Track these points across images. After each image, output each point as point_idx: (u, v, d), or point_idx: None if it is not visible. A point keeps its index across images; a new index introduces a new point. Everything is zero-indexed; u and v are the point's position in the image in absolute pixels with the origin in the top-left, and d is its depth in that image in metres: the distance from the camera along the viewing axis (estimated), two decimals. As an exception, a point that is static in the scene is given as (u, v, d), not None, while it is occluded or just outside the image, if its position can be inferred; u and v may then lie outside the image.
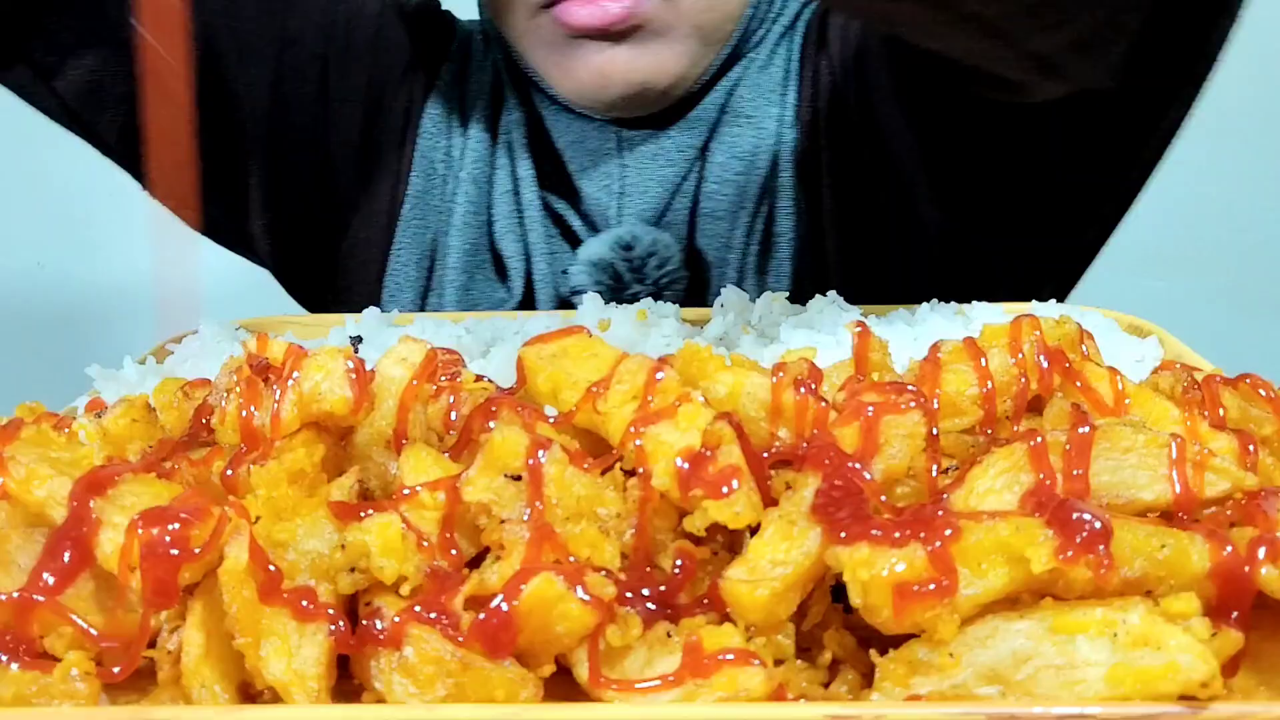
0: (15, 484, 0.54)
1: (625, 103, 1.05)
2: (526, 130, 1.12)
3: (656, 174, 1.09)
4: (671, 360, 0.62)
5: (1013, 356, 0.63)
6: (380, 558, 0.50)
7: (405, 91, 1.15)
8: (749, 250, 1.07)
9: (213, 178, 1.08)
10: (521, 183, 1.10)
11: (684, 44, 1.04)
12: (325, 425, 0.58)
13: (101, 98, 1.02)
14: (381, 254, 1.14)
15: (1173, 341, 0.86)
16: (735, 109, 1.09)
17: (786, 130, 1.09)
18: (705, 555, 0.53)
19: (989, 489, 0.53)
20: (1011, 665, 0.46)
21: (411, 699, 0.47)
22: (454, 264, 1.10)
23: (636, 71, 1.03)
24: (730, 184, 1.08)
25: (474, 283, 1.11)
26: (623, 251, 1.05)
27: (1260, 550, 0.47)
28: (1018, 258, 1.07)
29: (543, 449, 0.53)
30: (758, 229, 1.08)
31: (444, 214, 1.13)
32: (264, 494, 0.52)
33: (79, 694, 0.48)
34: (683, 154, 1.09)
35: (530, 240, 1.10)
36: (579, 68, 1.03)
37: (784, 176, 1.08)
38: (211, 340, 0.89)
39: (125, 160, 1.10)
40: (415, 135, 1.14)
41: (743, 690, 0.46)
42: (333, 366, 0.57)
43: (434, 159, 1.14)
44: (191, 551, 0.49)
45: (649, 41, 1.02)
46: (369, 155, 1.15)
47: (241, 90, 1.08)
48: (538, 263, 1.09)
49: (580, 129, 1.10)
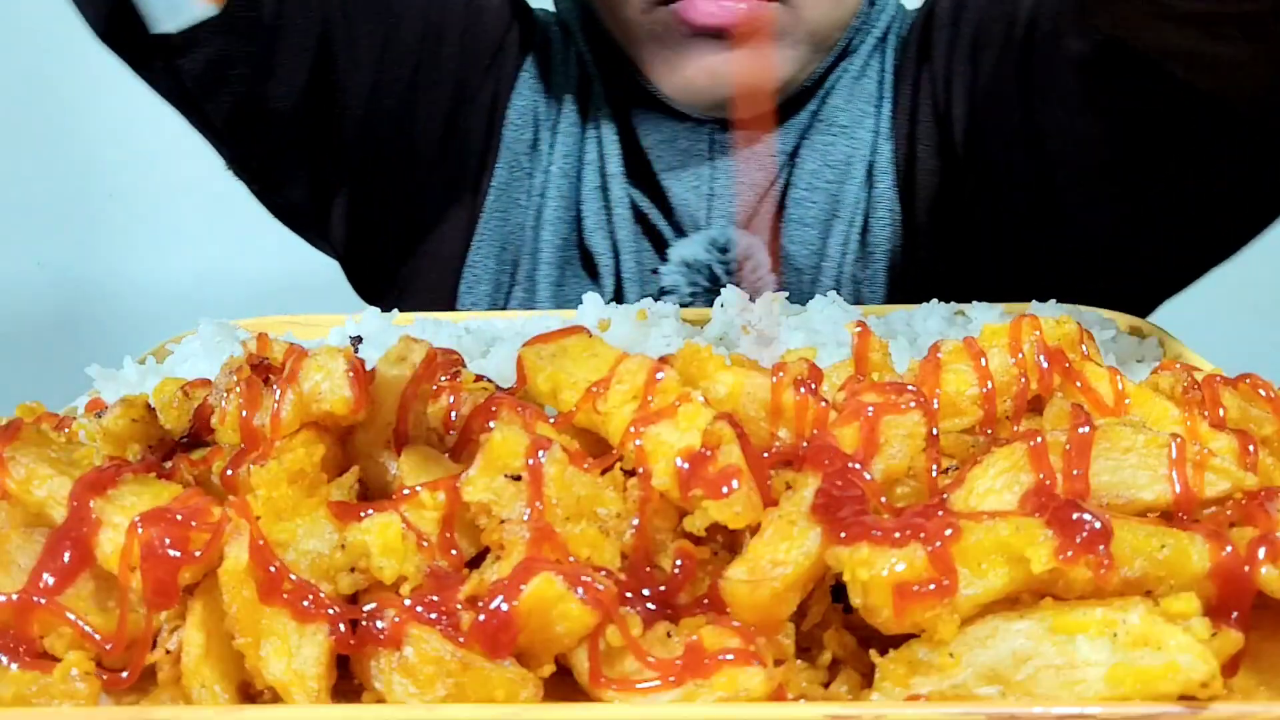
0: (15, 484, 0.54)
1: (730, 104, 1.05)
2: (615, 126, 1.11)
3: (747, 177, 1.08)
4: (671, 360, 0.62)
5: (1013, 356, 0.63)
6: (380, 558, 0.50)
7: (491, 82, 1.14)
8: (845, 259, 1.07)
9: (305, 163, 1.10)
10: (610, 179, 1.10)
11: (796, 49, 1.04)
12: (325, 425, 0.58)
13: (219, 79, 1.01)
14: (461, 244, 1.13)
15: (1173, 341, 0.86)
16: (828, 117, 1.09)
17: (883, 142, 1.09)
18: (705, 555, 0.53)
19: (989, 489, 0.53)
20: (1011, 665, 0.46)
21: (411, 699, 0.47)
22: (547, 259, 1.10)
23: (750, 74, 1.02)
24: (821, 191, 1.08)
25: (565, 279, 1.11)
26: (719, 254, 1.05)
27: (1260, 550, 0.47)
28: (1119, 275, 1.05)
29: (543, 449, 0.53)
30: (854, 238, 1.08)
31: (526, 207, 1.13)
32: (264, 494, 0.52)
33: (79, 694, 0.48)
34: (774, 158, 1.09)
35: (619, 238, 1.09)
36: (691, 65, 1.03)
37: (881, 188, 1.07)
38: (211, 340, 0.89)
39: (226, 142, 1.08)
40: (501, 126, 1.13)
41: (743, 690, 0.46)
42: (333, 366, 0.57)
43: (518, 151, 1.13)
44: (191, 553, 0.49)
45: (764, 44, 1.02)
46: (454, 146, 1.14)
47: (346, 75, 1.07)
48: (625, 260, 1.09)
49: (671, 128, 1.10)
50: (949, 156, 1.07)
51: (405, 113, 1.11)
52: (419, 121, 1.12)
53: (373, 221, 1.16)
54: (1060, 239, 1.05)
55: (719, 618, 0.50)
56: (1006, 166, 1.04)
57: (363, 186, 1.13)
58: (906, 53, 1.12)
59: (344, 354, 0.58)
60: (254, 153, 1.08)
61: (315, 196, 1.14)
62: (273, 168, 1.10)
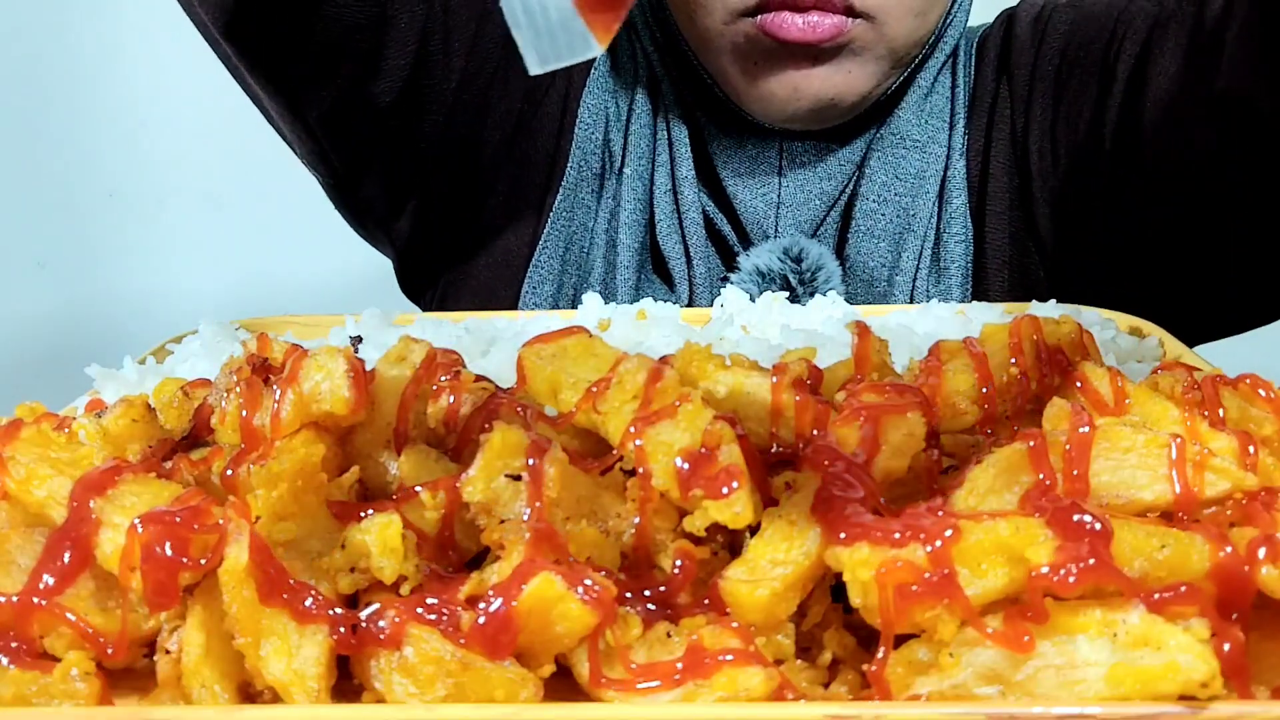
0: (15, 484, 0.54)
1: (809, 117, 1.05)
2: (687, 129, 1.11)
3: (816, 187, 1.09)
4: (671, 360, 0.62)
5: (1013, 356, 0.63)
6: (380, 558, 0.50)
7: (563, 79, 1.14)
8: (919, 273, 1.08)
9: (388, 157, 1.09)
10: (682, 182, 1.10)
11: (877, 65, 1.04)
12: (325, 425, 0.58)
13: (327, 75, 1.01)
14: (527, 244, 1.13)
15: (1173, 341, 0.86)
16: (899, 131, 1.09)
17: (956, 158, 1.09)
18: (705, 555, 0.53)
19: (989, 489, 0.53)
20: (1011, 665, 0.46)
21: (411, 699, 0.47)
22: (625, 263, 1.09)
23: (829, 88, 1.03)
24: (892, 205, 1.08)
25: (641, 284, 1.11)
26: (793, 263, 1.05)
27: (1260, 550, 0.47)
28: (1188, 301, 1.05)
29: (543, 449, 0.53)
30: (927, 253, 1.08)
31: (594, 208, 1.12)
32: (264, 494, 0.52)
33: (79, 694, 0.48)
34: (842, 169, 1.09)
35: (690, 242, 1.09)
36: (772, 79, 1.03)
37: (955, 205, 1.08)
38: (211, 340, 0.89)
39: (315, 137, 1.08)
40: (573, 125, 1.13)
41: (743, 690, 0.46)
42: (333, 366, 0.57)
43: (588, 150, 1.12)
44: (195, 559, 0.49)
45: (846, 60, 1.02)
46: (522, 143, 1.13)
47: (438, 72, 1.07)
48: (698, 266, 1.09)
49: (740, 137, 1.10)
50: (1025, 175, 1.07)
51: (482, 110, 1.11)
52: (492, 118, 1.12)
53: (439, 219, 1.16)
54: (1137, 265, 1.04)
55: (719, 618, 0.50)
56: (1086, 191, 1.04)
57: (435, 184, 1.12)
58: (984, 67, 1.12)
59: (344, 354, 0.58)
60: (342, 149, 1.08)
61: (390, 194, 1.13)
62: (355, 164, 1.10)
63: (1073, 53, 1.05)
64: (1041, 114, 1.06)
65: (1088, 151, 1.04)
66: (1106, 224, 1.04)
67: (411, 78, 1.04)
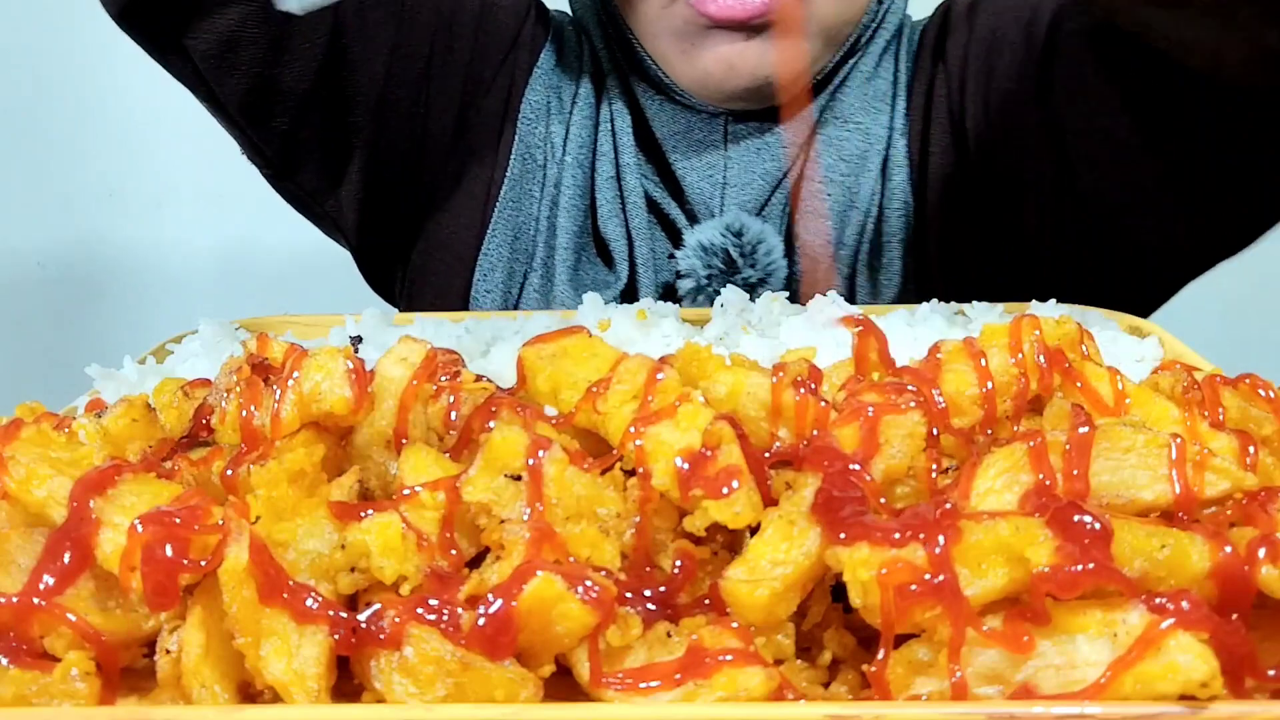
0: (15, 484, 0.54)
1: (746, 95, 1.08)
2: (630, 118, 1.14)
3: (760, 167, 1.12)
4: (671, 360, 0.62)
5: (1013, 356, 0.63)
6: (380, 558, 0.50)
7: (505, 77, 1.17)
8: (861, 249, 1.11)
9: (318, 150, 1.12)
10: (625, 169, 1.13)
11: (809, 42, 1.07)
12: (325, 425, 0.58)
13: (230, 60, 1.03)
14: (476, 237, 1.16)
15: (1173, 341, 0.86)
16: (841, 113, 1.13)
17: (897, 138, 1.12)
18: (705, 555, 0.53)
19: (989, 489, 0.53)
20: (1011, 665, 0.46)
21: (411, 699, 0.47)
22: (564, 245, 1.13)
23: (763, 66, 1.05)
24: (837, 184, 1.11)
25: (581, 265, 1.13)
26: (734, 238, 1.08)
27: (1260, 550, 0.47)
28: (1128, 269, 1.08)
29: (543, 449, 0.53)
30: (869, 229, 1.11)
31: (540, 198, 1.15)
32: (264, 494, 0.52)
33: (79, 694, 0.48)
34: (785, 150, 1.12)
35: (633, 225, 1.12)
36: (707, 57, 1.06)
37: (895, 181, 1.11)
38: (211, 340, 0.89)
39: (239, 127, 1.11)
40: (515, 119, 1.16)
41: (743, 690, 0.46)
42: (333, 366, 0.57)
43: (532, 144, 1.16)
44: (195, 561, 0.49)
45: (778, 37, 1.05)
46: (466, 137, 1.16)
47: (359, 65, 1.09)
48: (640, 247, 1.12)
49: (686, 119, 1.13)
50: (963, 153, 1.11)
51: (418, 103, 1.14)
52: (432, 112, 1.15)
53: (385, 211, 1.18)
54: (1069, 235, 1.07)
55: (719, 618, 0.50)
56: (1020, 164, 1.07)
57: (376, 176, 1.15)
58: (922, 53, 1.15)
59: (344, 354, 0.58)
60: (267, 138, 1.10)
61: (328, 184, 1.16)
62: (286, 154, 1.12)
63: (1001, 31, 1.09)
64: (974, 92, 1.10)
65: (1015, 127, 1.07)
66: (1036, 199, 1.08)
67: (325, 70, 1.06)
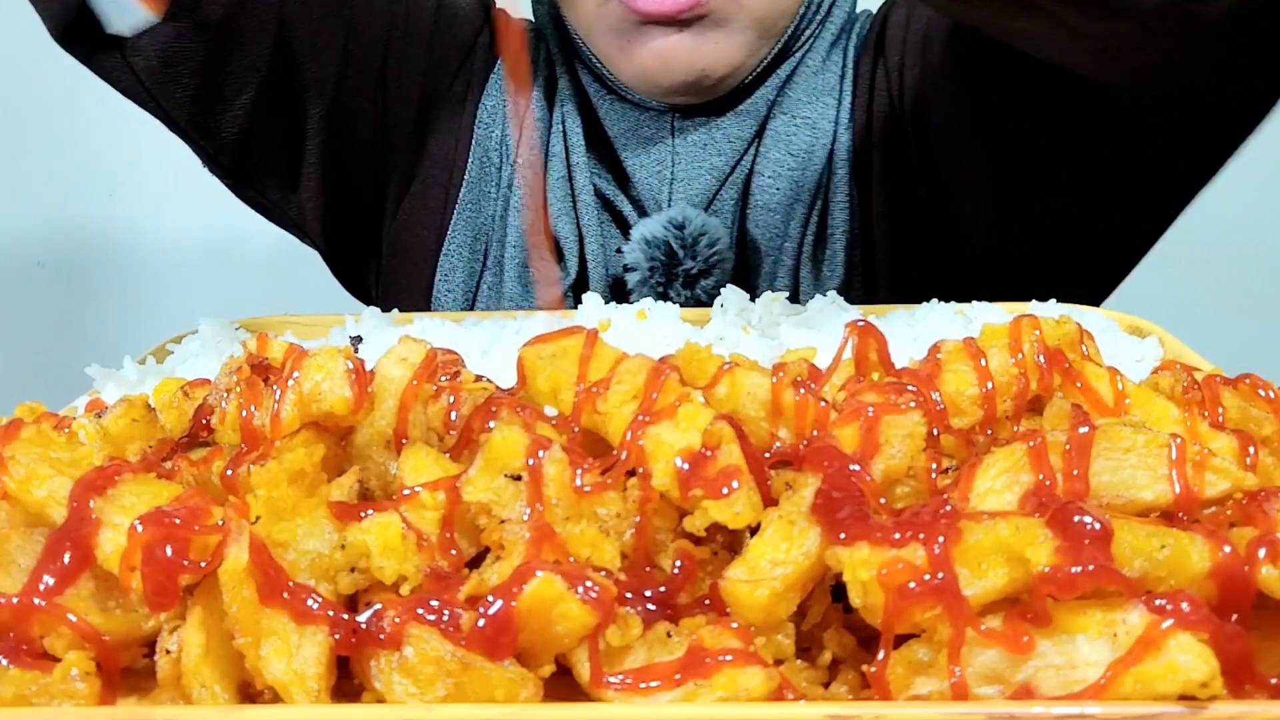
0: (15, 484, 0.54)
1: (684, 89, 1.10)
2: (581, 118, 1.16)
3: (707, 162, 1.14)
4: (671, 360, 0.62)
5: (1013, 356, 0.63)
6: (380, 558, 0.50)
7: (462, 82, 1.20)
8: (805, 241, 1.12)
9: (273, 157, 1.15)
10: (575, 169, 1.15)
11: (743, 35, 1.09)
12: (325, 425, 0.58)
13: (171, 75, 1.05)
14: (436, 239, 1.18)
15: (1173, 341, 0.86)
16: (788, 108, 1.14)
17: (842, 131, 1.14)
18: (705, 555, 0.53)
19: (989, 489, 0.53)
20: (1011, 665, 0.46)
21: (411, 699, 0.47)
22: (513, 242, 1.15)
23: (698, 59, 1.08)
24: (785, 178, 1.13)
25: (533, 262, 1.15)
26: (675, 230, 1.09)
27: (1260, 550, 0.47)
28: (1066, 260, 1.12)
29: (543, 449, 0.53)
30: (813, 222, 1.13)
31: (497, 200, 1.17)
32: (264, 494, 0.52)
33: (79, 694, 0.48)
34: (733, 145, 1.14)
35: (583, 222, 1.14)
36: (642, 52, 1.08)
37: (839, 175, 1.13)
38: (211, 340, 0.89)
39: (192, 138, 1.13)
40: (473, 124, 1.19)
41: (743, 690, 0.46)
42: (333, 366, 0.57)
43: (489, 147, 1.18)
44: (196, 561, 0.49)
45: (710, 30, 1.07)
46: (425, 142, 1.19)
47: (308, 73, 1.12)
48: (590, 243, 1.14)
49: (635, 117, 1.15)
50: (902, 148, 1.13)
51: (375, 109, 1.17)
52: (390, 118, 1.18)
53: (348, 216, 1.21)
54: (1003, 228, 1.10)
55: (719, 618, 0.50)
56: (952, 159, 1.10)
57: (335, 182, 1.18)
58: (866, 48, 1.17)
59: (344, 354, 0.58)
60: (220, 148, 1.13)
61: (288, 191, 1.18)
62: (241, 163, 1.15)
63: (933, 26, 1.11)
64: (910, 87, 1.12)
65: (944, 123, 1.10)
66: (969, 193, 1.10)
67: (272, 79, 1.08)
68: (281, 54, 1.09)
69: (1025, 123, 1.03)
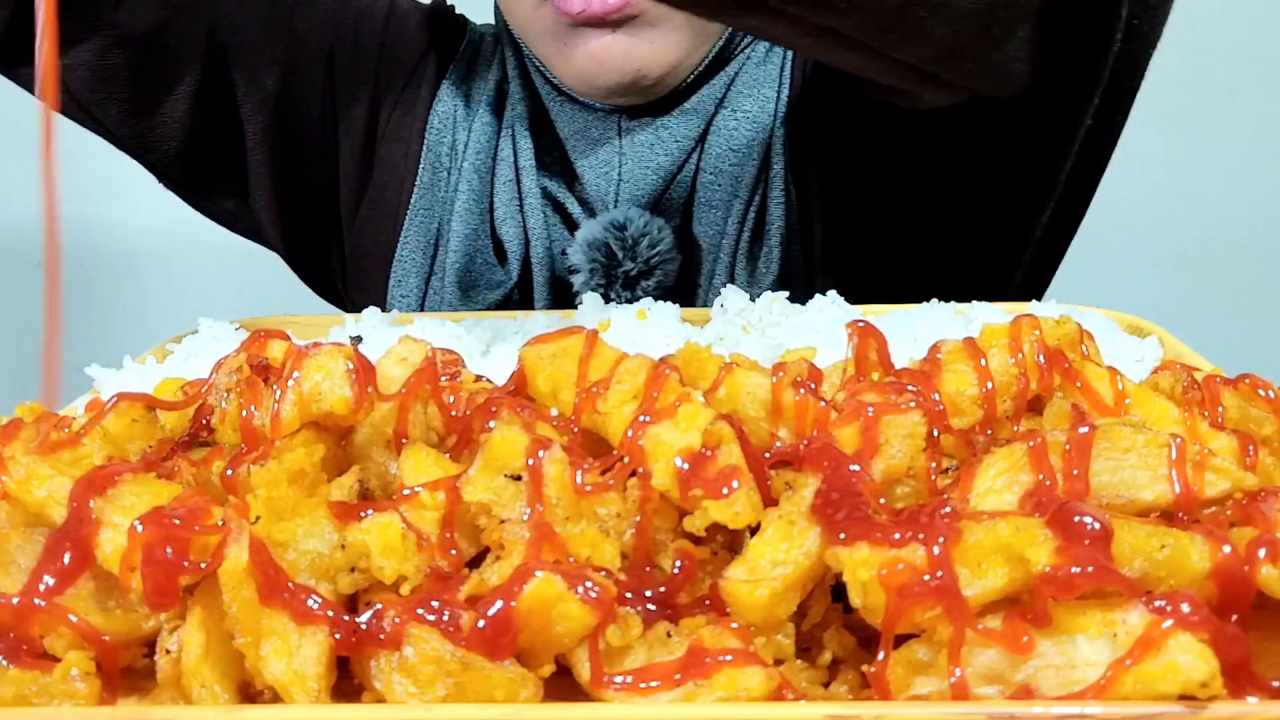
0: (15, 484, 0.54)
1: (622, 90, 1.10)
2: (530, 121, 1.16)
3: (653, 162, 1.14)
4: (671, 360, 0.62)
5: (1013, 356, 0.63)
6: (380, 558, 0.50)
7: (413, 89, 1.20)
8: (741, 237, 1.13)
9: (220, 168, 1.16)
10: (523, 172, 1.15)
11: (678, 34, 1.09)
12: (325, 425, 0.58)
13: (105, 92, 1.05)
14: (389, 244, 1.19)
15: (1173, 341, 0.86)
16: (732, 104, 1.14)
17: (778, 124, 1.14)
18: (705, 555, 0.53)
19: (989, 489, 0.53)
20: (1011, 665, 0.46)
21: (411, 699, 0.47)
22: (455, 247, 1.15)
23: (632, 59, 1.08)
24: (726, 174, 1.13)
25: (474, 265, 1.16)
26: (616, 231, 1.10)
27: (1260, 550, 0.47)
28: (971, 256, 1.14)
29: (543, 449, 0.53)
30: (750, 217, 1.13)
31: (448, 203, 1.18)
32: (264, 494, 0.52)
33: (79, 694, 0.48)
34: (679, 144, 1.14)
35: (530, 225, 1.14)
36: (578, 55, 1.08)
37: (776, 169, 1.13)
38: (211, 340, 0.89)
39: (135, 152, 1.15)
40: (424, 130, 1.19)
41: (743, 690, 0.46)
42: (333, 366, 0.57)
43: (440, 153, 1.18)
44: (196, 562, 0.49)
45: (644, 30, 1.07)
46: (378, 149, 1.20)
47: (247, 84, 1.12)
48: (535, 246, 1.14)
49: (584, 118, 1.15)
50: (830, 143, 1.13)
51: (323, 119, 1.18)
52: (340, 126, 1.19)
53: (304, 224, 1.23)
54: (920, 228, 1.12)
55: (719, 618, 0.50)
56: (869, 158, 1.11)
57: (287, 192, 1.19)
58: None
59: (344, 353, 0.58)
60: (166, 162, 1.14)
61: (240, 202, 1.20)
62: (189, 176, 1.17)
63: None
64: (831, 84, 1.12)
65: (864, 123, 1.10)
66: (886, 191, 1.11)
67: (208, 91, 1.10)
68: (216, 65, 1.09)
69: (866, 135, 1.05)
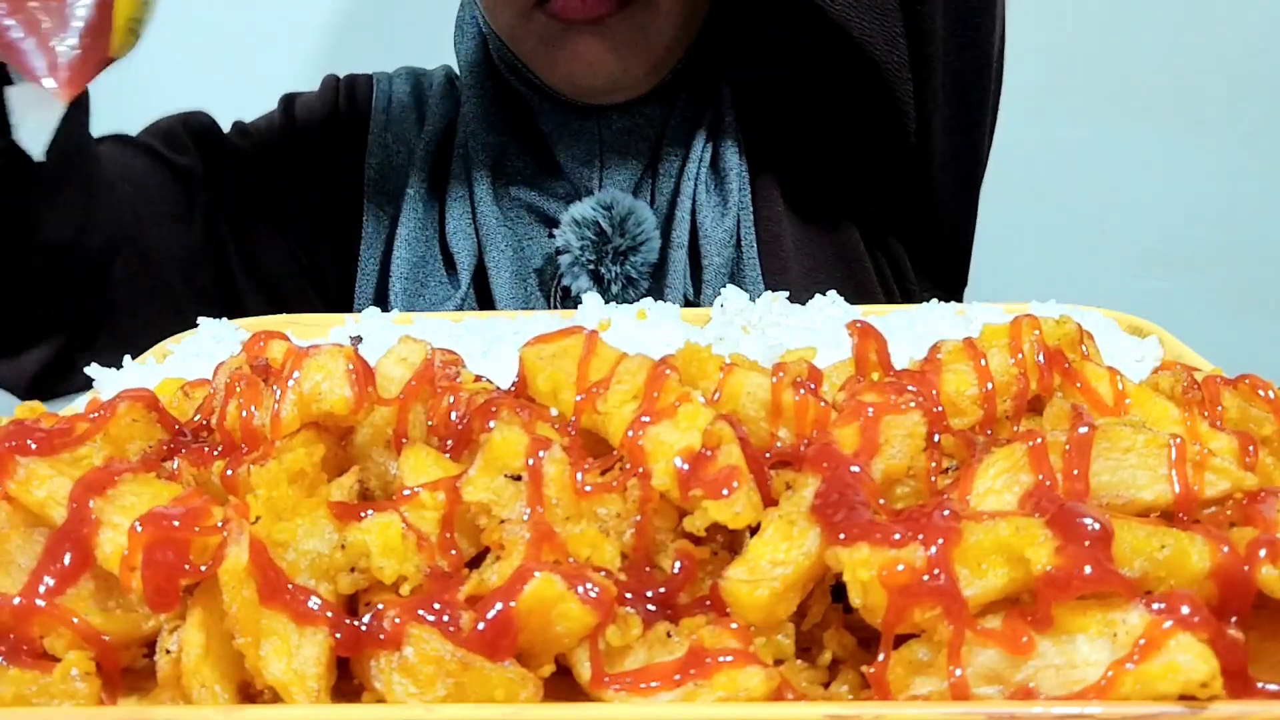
0: (15, 484, 0.54)
1: (610, 86, 1.15)
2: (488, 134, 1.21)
3: (632, 148, 1.19)
4: (671, 360, 0.62)
5: (1013, 356, 0.63)
6: (380, 558, 0.50)
7: (332, 155, 1.25)
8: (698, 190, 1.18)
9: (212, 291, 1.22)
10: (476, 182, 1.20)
11: (661, 35, 1.14)
12: (325, 425, 0.58)
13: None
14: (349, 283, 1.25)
15: (1173, 341, 0.86)
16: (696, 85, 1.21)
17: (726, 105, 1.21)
18: (705, 555, 0.53)
19: (989, 489, 0.53)
20: (1011, 665, 0.46)
21: (411, 699, 0.47)
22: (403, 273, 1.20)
23: (620, 59, 1.13)
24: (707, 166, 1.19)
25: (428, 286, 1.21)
26: (604, 210, 1.15)
27: (1260, 551, 0.47)
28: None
29: (543, 449, 0.53)
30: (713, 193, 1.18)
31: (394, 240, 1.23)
32: (264, 494, 0.52)
33: (79, 694, 0.48)
34: (655, 130, 1.20)
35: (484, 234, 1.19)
36: (568, 57, 1.13)
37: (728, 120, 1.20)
38: (211, 340, 0.89)
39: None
40: (363, 184, 1.24)
41: (743, 690, 0.46)
42: (333, 367, 0.57)
43: (382, 201, 1.24)
44: (196, 564, 0.49)
45: (630, 33, 1.12)
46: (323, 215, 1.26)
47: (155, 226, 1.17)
48: (491, 251, 1.19)
49: (564, 116, 1.20)
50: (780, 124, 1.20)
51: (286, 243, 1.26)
52: (303, 241, 1.26)
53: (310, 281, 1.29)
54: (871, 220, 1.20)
55: (719, 618, 0.50)
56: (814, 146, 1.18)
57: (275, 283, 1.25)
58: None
59: (344, 354, 0.58)
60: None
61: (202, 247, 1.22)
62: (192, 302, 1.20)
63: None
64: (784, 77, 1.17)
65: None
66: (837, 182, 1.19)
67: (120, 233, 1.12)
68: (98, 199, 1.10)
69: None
